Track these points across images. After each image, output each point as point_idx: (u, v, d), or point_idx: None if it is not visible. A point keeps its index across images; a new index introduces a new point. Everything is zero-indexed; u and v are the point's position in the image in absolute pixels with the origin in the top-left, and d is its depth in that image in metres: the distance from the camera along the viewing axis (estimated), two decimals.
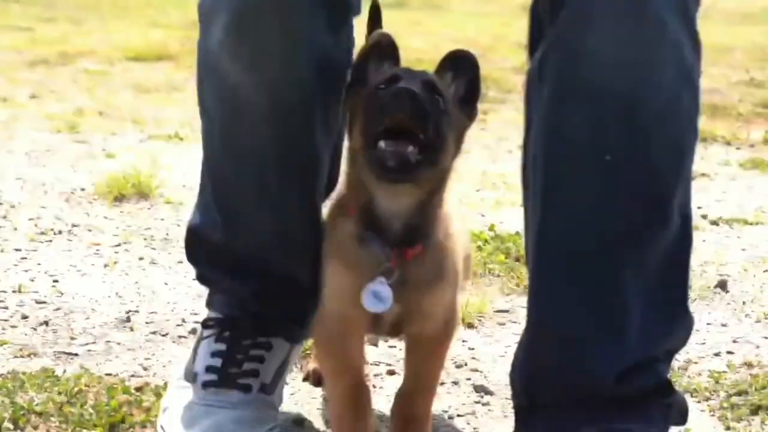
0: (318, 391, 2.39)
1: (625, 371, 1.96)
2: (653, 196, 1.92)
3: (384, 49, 1.96)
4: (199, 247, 2.27)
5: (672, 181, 1.92)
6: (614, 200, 1.89)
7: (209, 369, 2.17)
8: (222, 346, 2.20)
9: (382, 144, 1.81)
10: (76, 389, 2.31)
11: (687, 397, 2.45)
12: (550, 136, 1.92)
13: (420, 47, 7.71)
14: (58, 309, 2.86)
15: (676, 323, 2.03)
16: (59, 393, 2.29)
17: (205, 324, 2.27)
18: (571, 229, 1.92)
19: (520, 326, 2.77)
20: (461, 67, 1.94)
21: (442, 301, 1.97)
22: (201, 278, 2.33)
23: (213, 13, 2.02)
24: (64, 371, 2.43)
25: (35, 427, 2.16)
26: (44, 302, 2.91)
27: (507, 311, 2.97)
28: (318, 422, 2.26)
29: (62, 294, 2.98)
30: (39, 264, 3.24)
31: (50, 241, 3.49)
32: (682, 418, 2.05)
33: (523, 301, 2.97)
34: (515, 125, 5.67)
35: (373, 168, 1.84)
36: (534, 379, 2.02)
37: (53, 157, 4.71)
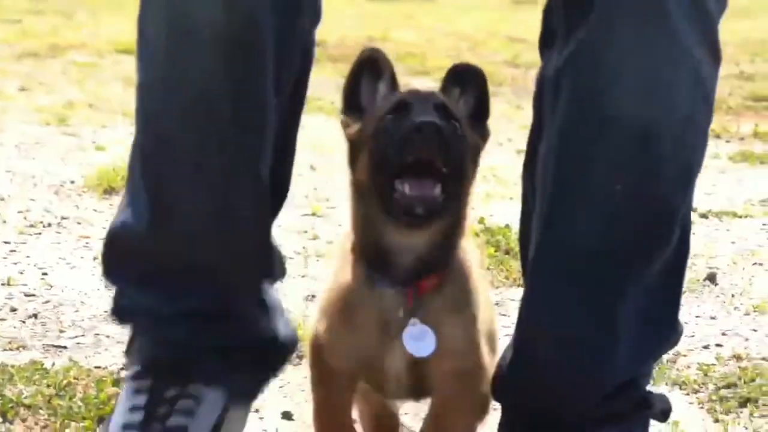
0: (307, 383, 2.39)
1: (612, 390, 1.93)
2: (660, 219, 1.87)
3: (377, 66, 1.79)
4: (120, 256, 1.94)
5: (679, 201, 1.89)
6: (621, 222, 1.84)
7: (127, 427, 1.85)
8: (142, 399, 1.86)
9: (405, 188, 1.66)
10: (65, 382, 2.30)
11: (675, 389, 2.46)
12: (562, 156, 1.85)
13: (412, 41, 7.71)
14: (47, 302, 2.86)
15: (666, 338, 2.01)
16: (48, 386, 2.28)
17: (127, 375, 1.95)
18: (576, 244, 1.86)
19: (510, 319, 2.77)
20: (467, 81, 1.81)
21: (465, 333, 1.79)
22: (119, 311, 1.98)
23: None
24: (53, 364, 2.42)
25: (24, 420, 2.15)
26: (33, 295, 2.90)
27: (496, 304, 2.98)
28: (307, 415, 2.26)
29: (51, 287, 2.98)
30: (28, 257, 3.23)
31: (39, 233, 3.48)
32: (663, 416, 2.03)
33: (513, 293, 2.99)
34: (506, 118, 5.67)
35: (392, 212, 1.69)
36: (525, 379, 1.95)
37: (43, 150, 4.70)
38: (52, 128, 5.19)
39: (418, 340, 1.74)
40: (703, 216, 3.97)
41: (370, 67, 1.79)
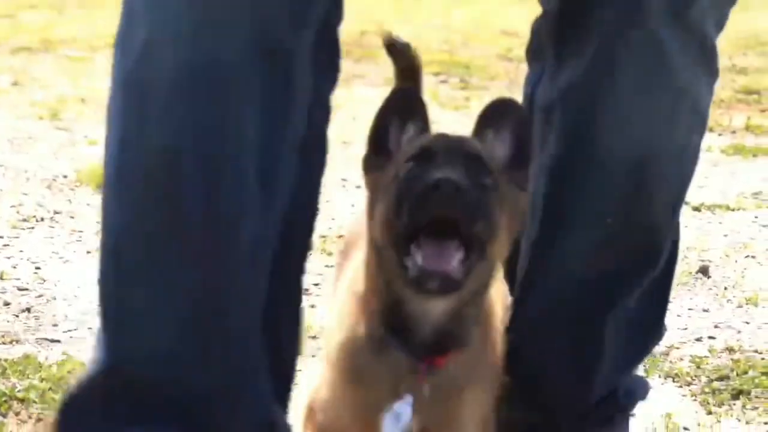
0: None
1: (591, 406, 1.95)
2: (650, 246, 1.85)
3: (408, 106, 1.60)
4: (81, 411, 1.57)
5: (669, 224, 1.86)
6: (611, 250, 1.82)
7: None
8: None
9: (418, 257, 1.45)
10: (58, 375, 2.31)
11: (668, 382, 2.46)
12: (554, 183, 1.80)
13: (406, 35, 7.70)
14: (40, 296, 2.86)
15: (651, 340, 2.01)
16: (42, 379, 2.29)
17: None
18: (565, 268, 1.84)
19: None
20: (504, 119, 1.59)
21: (476, 412, 1.62)
22: None
23: None
24: (47, 358, 2.42)
25: (17, 414, 2.16)
26: (26, 289, 2.90)
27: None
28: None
29: (44, 281, 2.98)
30: (21, 251, 3.23)
31: (32, 228, 3.48)
32: (644, 394, 2.04)
33: None
34: None
35: (406, 282, 1.49)
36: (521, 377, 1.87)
37: (35, 145, 4.69)
38: (45, 123, 5.18)
39: (397, 419, 1.56)
40: (696, 209, 3.97)
41: (402, 107, 1.60)
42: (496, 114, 1.59)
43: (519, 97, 1.87)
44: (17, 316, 2.72)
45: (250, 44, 1.42)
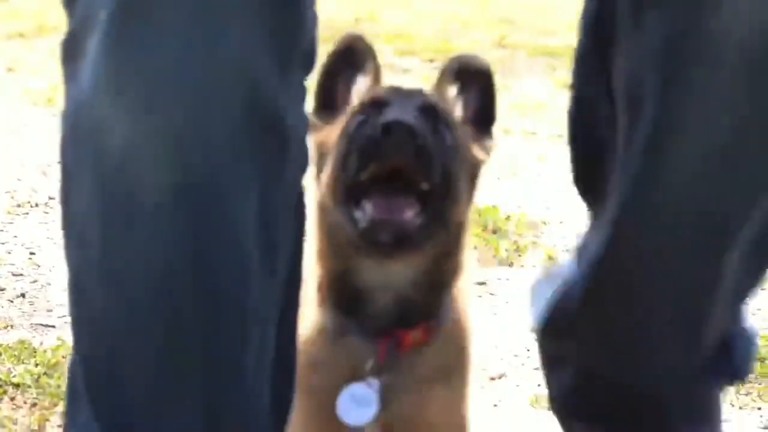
0: None
1: (701, 364, 1.61)
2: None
3: (357, 56, 1.44)
4: None
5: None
6: (729, 161, 1.47)
7: None
8: None
9: (368, 207, 1.31)
10: (53, 361, 2.31)
11: None
12: (663, 75, 1.44)
13: (401, 21, 7.70)
14: (35, 281, 2.86)
15: (757, 284, 1.62)
16: (36, 364, 2.29)
17: None
18: (681, 181, 1.48)
19: (496, 298, 2.80)
20: (470, 78, 1.45)
21: (450, 408, 1.43)
22: None
23: (87, 23, 1.22)
24: (41, 343, 2.43)
25: (12, 399, 2.16)
26: (21, 274, 2.91)
27: (483, 283, 2.98)
28: None
29: (39, 266, 2.98)
30: (15, 236, 3.23)
31: (27, 213, 3.48)
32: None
33: (499, 273, 3.00)
34: None
35: (356, 238, 1.34)
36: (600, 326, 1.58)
37: (30, 131, 4.69)
38: (40, 109, 5.18)
39: (356, 402, 1.37)
40: None
41: (350, 58, 1.44)
42: (459, 70, 1.45)
43: (514, 86, 1.78)
44: (12, 301, 2.72)
45: (242, 121, 1.21)
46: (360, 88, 1.45)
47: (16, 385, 2.20)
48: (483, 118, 1.46)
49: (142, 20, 1.17)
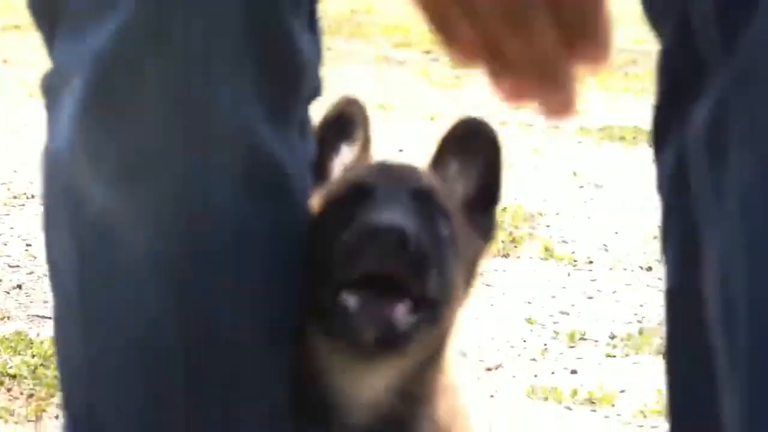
0: None
1: None
2: None
3: (348, 121, 1.24)
4: None
5: None
6: None
7: None
8: None
9: (351, 301, 1.10)
10: (49, 352, 2.31)
11: (660, 358, 2.47)
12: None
13: (396, 13, 7.69)
14: (31, 273, 2.86)
15: None
16: (33, 356, 2.29)
17: None
18: None
19: (493, 289, 2.80)
20: (474, 145, 1.22)
21: None
22: None
23: (62, 82, 1.18)
24: (38, 334, 2.43)
25: (9, 390, 2.16)
26: (17, 266, 2.91)
27: (480, 275, 2.99)
28: None
29: (35, 258, 2.98)
30: (12, 228, 3.23)
31: (23, 205, 3.48)
32: None
33: (495, 264, 3.00)
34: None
35: (333, 335, 1.13)
36: None
37: (26, 122, 4.68)
38: (36, 101, 5.17)
39: None
40: None
41: (341, 123, 1.25)
42: (463, 138, 1.23)
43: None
44: (8, 293, 2.72)
45: (241, 182, 1.10)
46: (345, 160, 1.24)
47: (13, 376, 2.21)
48: (485, 195, 1.25)
49: (115, 96, 1.10)
